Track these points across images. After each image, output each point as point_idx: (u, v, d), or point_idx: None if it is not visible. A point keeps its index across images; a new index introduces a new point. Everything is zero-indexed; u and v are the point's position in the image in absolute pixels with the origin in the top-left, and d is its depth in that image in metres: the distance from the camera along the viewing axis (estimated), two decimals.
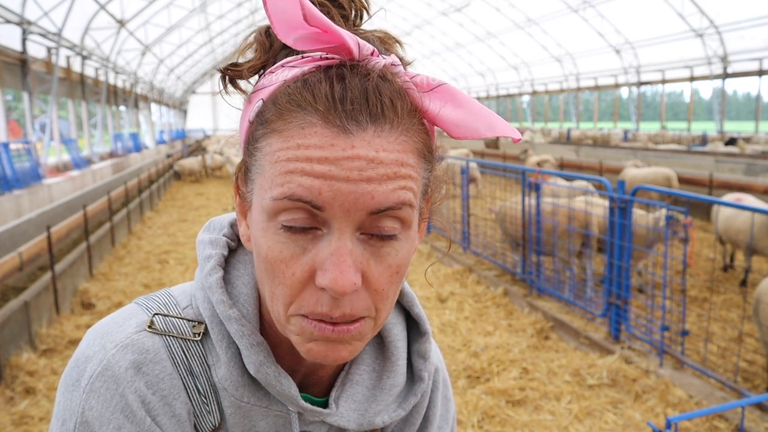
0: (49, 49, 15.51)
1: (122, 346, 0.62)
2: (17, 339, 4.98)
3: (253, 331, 0.63)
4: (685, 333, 4.56)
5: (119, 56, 22.70)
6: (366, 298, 0.57)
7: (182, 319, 0.66)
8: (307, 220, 0.55)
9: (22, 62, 13.61)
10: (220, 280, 0.65)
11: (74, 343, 5.33)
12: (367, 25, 0.67)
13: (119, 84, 24.89)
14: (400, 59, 0.63)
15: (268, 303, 0.60)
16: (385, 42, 0.64)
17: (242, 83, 0.65)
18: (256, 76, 0.65)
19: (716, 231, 7.37)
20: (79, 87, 19.07)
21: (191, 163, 19.44)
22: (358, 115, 0.54)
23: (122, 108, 26.82)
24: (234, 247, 0.71)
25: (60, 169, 15.06)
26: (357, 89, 0.55)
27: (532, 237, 6.43)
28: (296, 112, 0.55)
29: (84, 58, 18.81)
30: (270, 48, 0.63)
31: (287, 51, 0.63)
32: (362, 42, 0.57)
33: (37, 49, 14.77)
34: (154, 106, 34.59)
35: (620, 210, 4.99)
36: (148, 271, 7.96)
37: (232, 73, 0.63)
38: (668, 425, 1.98)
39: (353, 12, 0.64)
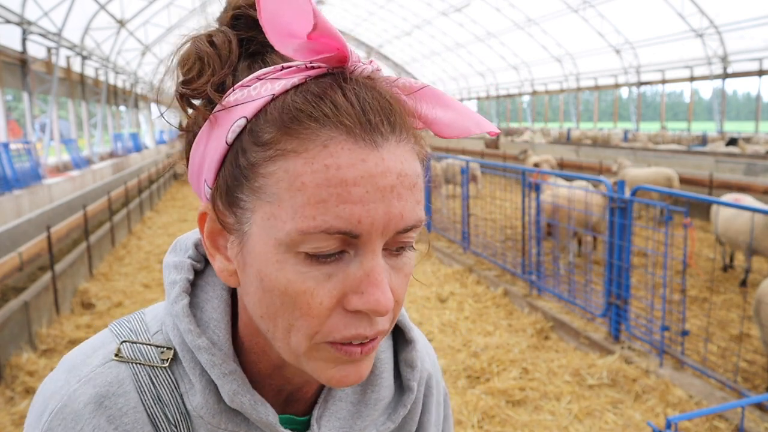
0: (49, 49, 15.51)
1: (86, 380, 0.59)
2: (17, 339, 4.98)
3: (224, 360, 0.60)
4: (685, 333, 4.56)
5: (119, 56, 22.71)
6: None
7: (151, 345, 0.63)
8: (338, 246, 0.52)
9: (22, 62, 13.62)
10: (186, 308, 0.61)
11: (74, 343, 5.33)
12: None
13: (119, 84, 24.90)
14: None
15: (276, 336, 0.56)
16: None
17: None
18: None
19: (716, 231, 7.37)
20: (79, 87, 19.08)
21: None
22: (381, 126, 0.51)
23: (122, 108, 26.83)
24: (201, 269, 0.67)
25: (60, 169, 15.06)
26: (372, 98, 0.52)
27: (532, 237, 6.43)
28: (314, 128, 0.50)
29: (84, 58, 18.81)
30: (223, 60, 0.58)
31: (249, 61, 0.59)
32: (351, 48, 0.54)
33: (37, 49, 14.78)
34: (154, 106, 34.59)
35: (620, 210, 4.99)
36: (148, 271, 7.96)
37: (191, 94, 0.57)
38: (668, 425, 1.98)
39: None
